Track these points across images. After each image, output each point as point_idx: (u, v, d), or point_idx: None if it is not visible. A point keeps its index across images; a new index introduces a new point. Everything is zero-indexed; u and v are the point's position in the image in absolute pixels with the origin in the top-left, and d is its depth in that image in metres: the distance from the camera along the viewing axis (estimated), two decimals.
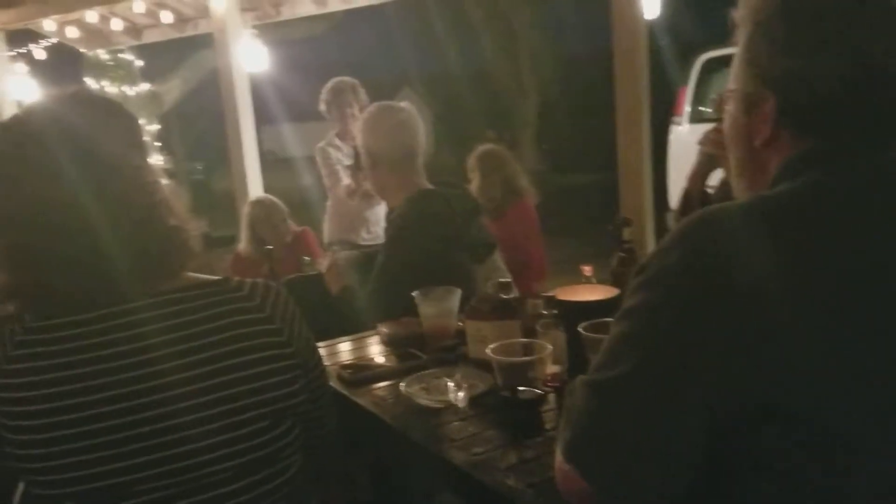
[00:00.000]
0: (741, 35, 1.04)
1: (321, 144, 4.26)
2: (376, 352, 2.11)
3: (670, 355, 0.90)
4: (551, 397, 1.60)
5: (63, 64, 6.64)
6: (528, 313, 1.91)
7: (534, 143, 14.66)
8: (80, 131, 1.19)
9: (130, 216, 1.20)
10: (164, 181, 1.29)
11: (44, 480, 1.14)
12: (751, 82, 1.02)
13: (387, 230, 2.47)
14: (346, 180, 4.13)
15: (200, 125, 17.16)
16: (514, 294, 1.86)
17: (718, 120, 1.82)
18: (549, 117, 13.55)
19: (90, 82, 8.88)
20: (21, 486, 1.40)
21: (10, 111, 6.25)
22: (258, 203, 4.20)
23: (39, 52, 6.52)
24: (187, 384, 1.17)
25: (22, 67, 6.37)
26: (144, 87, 9.86)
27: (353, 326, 2.32)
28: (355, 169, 3.96)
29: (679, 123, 7.21)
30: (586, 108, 11.36)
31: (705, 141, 2.02)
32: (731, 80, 1.08)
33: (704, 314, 0.88)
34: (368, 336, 2.24)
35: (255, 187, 5.26)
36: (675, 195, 6.85)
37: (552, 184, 10.16)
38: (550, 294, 1.71)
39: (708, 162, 2.09)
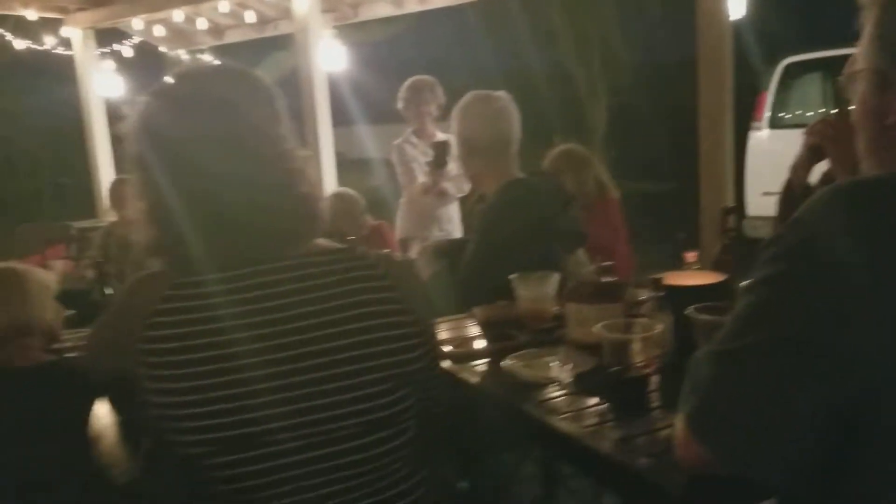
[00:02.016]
0: (869, 15, 1.04)
1: (397, 142, 4.31)
2: (474, 332, 2.10)
3: (797, 327, 0.90)
4: (654, 379, 1.60)
5: (147, 62, 6.85)
6: (628, 299, 1.91)
7: (603, 150, 14.49)
8: (226, 96, 1.25)
9: (269, 180, 1.25)
10: (300, 151, 1.34)
11: (179, 427, 1.19)
12: (882, 60, 1.01)
13: (478, 216, 2.49)
14: (421, 178, 4.18)
15: None
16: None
17: (823, 120, 1.82)
18: (619, 123, 13.37)
19: None
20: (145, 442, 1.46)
21: (98, 108, 6.49)
22: (339, 196, 4.26)
23: (127, 51, 6.74)
24: (319, 342, 1.22)
25: (110, 65, 6.59)
26: None
27: (441, 313, 2.34)
28: (433, 166, 4.00)
29: (759, 129, 7.06)
30: (659, 114, 11.17)
31: (812, 131, 1.99)
32: (860, 60, 1.07)
33: (829, 288, 0.88)
34: (464, 318, 2.25)
35: (330, 187, 5.35)
36: (752, 202, 6.71)
37: (620, 190, 10.02)
38: (657, 277, 1.71)
39: (812, 153, 2.06)
